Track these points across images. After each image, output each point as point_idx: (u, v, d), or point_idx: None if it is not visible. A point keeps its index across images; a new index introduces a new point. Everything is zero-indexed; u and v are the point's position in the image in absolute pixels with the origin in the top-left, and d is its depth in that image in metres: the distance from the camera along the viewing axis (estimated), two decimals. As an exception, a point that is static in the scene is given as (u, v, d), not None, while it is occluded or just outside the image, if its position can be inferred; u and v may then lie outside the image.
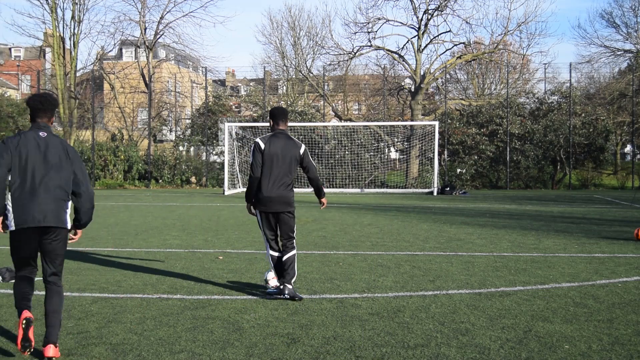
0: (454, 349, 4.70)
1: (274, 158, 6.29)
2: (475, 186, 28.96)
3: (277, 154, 6.30)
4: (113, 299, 6.29)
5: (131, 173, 30.33)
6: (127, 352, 4.64)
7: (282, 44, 43.91)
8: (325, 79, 35.48)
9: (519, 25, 33.05)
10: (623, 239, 10.79)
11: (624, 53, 37.21)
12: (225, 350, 4.69)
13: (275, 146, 6.31)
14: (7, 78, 58.07)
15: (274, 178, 6.28)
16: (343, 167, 28.41)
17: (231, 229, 12.25)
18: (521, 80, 42.66)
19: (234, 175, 27.30)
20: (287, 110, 6.79)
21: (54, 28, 32.59)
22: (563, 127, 28.86)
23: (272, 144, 6.31)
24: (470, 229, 12.18)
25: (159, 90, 41.51)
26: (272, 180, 6.28)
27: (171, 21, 38.63)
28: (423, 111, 32.73)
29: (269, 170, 6.28)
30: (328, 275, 7.48)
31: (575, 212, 16.35)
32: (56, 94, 31.59)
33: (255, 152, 6.32)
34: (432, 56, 55.39)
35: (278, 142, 6.35)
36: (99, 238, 10.95)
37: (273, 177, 6.28)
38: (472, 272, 7.67)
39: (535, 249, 9.56)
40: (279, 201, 6.32)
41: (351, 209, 17.42)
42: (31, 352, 4.44)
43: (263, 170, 6.29)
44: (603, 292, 6.56)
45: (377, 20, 31.75)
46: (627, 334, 5.10)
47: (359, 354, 4.60)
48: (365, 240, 10.57)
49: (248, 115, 35.88)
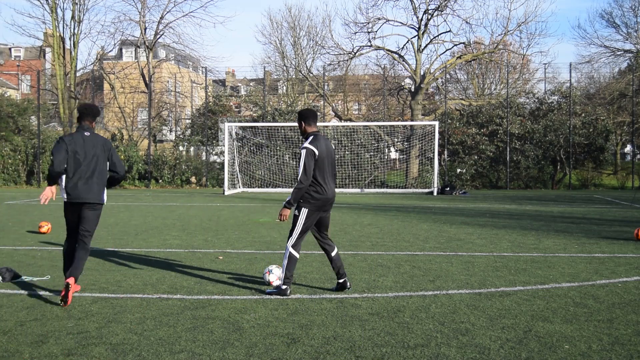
0: (454, 349, 4.70)
1: (325, 160, 6.41)
2: (475, 186, 28.97)
3: (326, 155, 6.43)
4: (113, 299, 6.29)
5: (131, 173, 30.34)
6: (127, 352, 4.64)
7: (282, 44, 43.93)
8: (325, 79, 35.48)
9: (519, 25, 33.09)
10: (623, 239, 10.79)
11: (624, 53, 37.24)
12: (225, 350, 4.69)
13: (322, 148, 6.40)
14: (7, 78, 58.08)
15: (330, 179, 6.48)
16: (343, 167, 28.40)
17: (231, 229, 12.25)
18: (521, 80, 42.68)
19: (234, 175, 27.30)
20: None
21: (54, 28, 32.60)
22: (563, 127, 28.86)
23: (319, 146, 6.38)
24: (470, 229, 12.18)
25: (159, 90, 41.52)
26: (329, 182, 6.46)
27: (171, 21, 38.74)
28: (423, 111, 32.74)
29: (323, 172, 6.39)
30: (328, 275, 7.48)
31: (575, 212, 16.35)
32: (57, 93, 31.61)
33: (308, 157, 6.29)
34: (432, 56, 55.49)
35: (322, 143, 6.43)
36: (99, 238, 10.94)
37: (328, 178, 6.46)
38: (472, 272, 7.67)
39: (535, 249, 9.55)
40: (334, 200, 6.59)
41: (351, 209, 17.42)
42: (64, 305, 5.94)
43: (317, 173, 6.34)
44: (603, 292, 6.55)
45: (377, 20, 31.77)
46: (627, 334, 5.10)
47: (359, 354, 4.60)
48: (365, 240, 10.57)
49: (248, 115, 35.90)
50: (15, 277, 7.23)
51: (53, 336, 5.03)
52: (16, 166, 30.27)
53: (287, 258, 6.36)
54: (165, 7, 35.75)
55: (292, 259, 6.37)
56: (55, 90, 35.23)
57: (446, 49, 49.92)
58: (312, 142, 6.37)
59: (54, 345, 4.81)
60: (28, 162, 30.54)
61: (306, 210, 6.38)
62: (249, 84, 46.96)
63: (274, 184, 28.21)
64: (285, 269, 6.34)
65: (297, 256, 6.39)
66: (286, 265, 6.35)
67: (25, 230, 12.20)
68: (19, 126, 33.27)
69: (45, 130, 33.60)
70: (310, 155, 6.30)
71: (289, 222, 7.09)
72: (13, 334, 5.10)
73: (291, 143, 28.74)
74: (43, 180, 30.25)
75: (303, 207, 6.39)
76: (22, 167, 30.46)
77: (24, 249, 9.71)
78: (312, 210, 6.39)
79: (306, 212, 6.39)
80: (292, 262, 6.37)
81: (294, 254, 6.37)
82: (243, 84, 52.19)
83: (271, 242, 10.44)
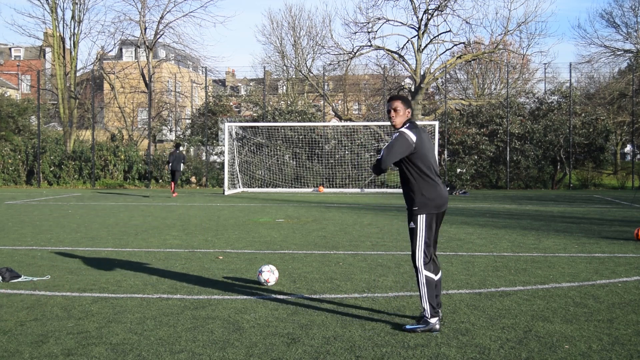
0: (454, 349, 4.70)
1: (429, 152, 5.28)
2: (475, 186, 28.96)
3: (430, 148, 5.33)
4: (113, 299, 6.29)
5: (131, 173, 30.33)
6: (127, 352, 4.64)
7: (282, 43, 43.91)
8: (325, 78, 35.48)
9: (519, 25, 33.11)
10: (623, 239, 10.79)
11: (624, 53, 37.23)
12: (225, 350, 4.69)
13: (422, 138, 5.27)
14: (7, 78, 58.10)
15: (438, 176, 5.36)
16: (343, 167, 28.40)
17: (231, 229, 12.25)
18: (521, 80, 42.67)
19: (234, 175, 27.30)
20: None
21: (54, 28, 32.59)
22: (563, 127, 28.85)
23: (419, 137, 5.25)
24: (470, 229, 12.18)
25: (159, 90, 41.52)
26: (439, 180, 5.34)
27: (171, 21, 38.75)
28: (423, 111, 32.74)
29: (431, 166, 5.27)
30: (328, 275, 7.48)
31: (575, 212, 16.34)
32: (57, 93, 31.60)
33: (398, 142, 5.18)
34: (432, 56, 55.51)
35: (424, 135, 5.33)
36: (99, 238, 10.95)
37: (438, 175, 5.35)
38: (472, 272, 7.67)
39: (535, 249, 9.55)
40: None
41: (351, 209, 17.42)
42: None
43: (426, 167, 5.23)
44: (603, 292, 6.55)
45: (377, 20, 31.77)
46: (627, 334, 5.10)
47: (359, 354, 4.60)
48: (365, 240, 10.57)
49: (248, 115, 35.88)
50: (15, 277, 7.24)
51: (53, 336, 5.03)
52: (16, 166, 30.27)
53: (424, 285, 5.18)
54: (165, 7, 35.75)
55: (430, 284, 5.19)
56: (55, 90, 35.20)
57: (446, 49, 50.05)
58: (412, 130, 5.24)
59: (54, 345, 4.81)
60: (28, 162, 30.54)
61: (425, 215, 5.24)
62: (249, 84, 46.95)
63: (274, 184, 28.20)
64: (428, 297, 5.16)
65: (430, 278, 5.19)
66: (427, 293, 5.17)
67: (25, 230, 12.19)
68: (19, 126, 33.26)
69: (45, 130, 33.60)
70: (405, 143, 5.15)
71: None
72: (13, 334, 5.10)
73: (291, 143, 28.75)
74: (43, 180, 30.26)
75: (423, 211, 5.24)
76: (22, 167, 30.46)
77: (24, 249, 9.71)
78: (432, 212, 5.25)
79: (424, 217, 5.24)
80: (430, 287, 5.18)
81: (430, 275, 5.20)
82: (243, 84, 52.21)
83: (271, 242, 10.44)
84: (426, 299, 5.13)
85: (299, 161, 28.63)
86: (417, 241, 5.21)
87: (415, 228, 5.23)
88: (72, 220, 14.13)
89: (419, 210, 5.22)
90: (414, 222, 5.24)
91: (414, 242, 5.24)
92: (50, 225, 12.99)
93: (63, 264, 8.32)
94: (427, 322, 5.12)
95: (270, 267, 6.93)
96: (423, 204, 5.22)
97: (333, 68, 35.64)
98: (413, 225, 5.25)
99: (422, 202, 5.22)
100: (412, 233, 5.26)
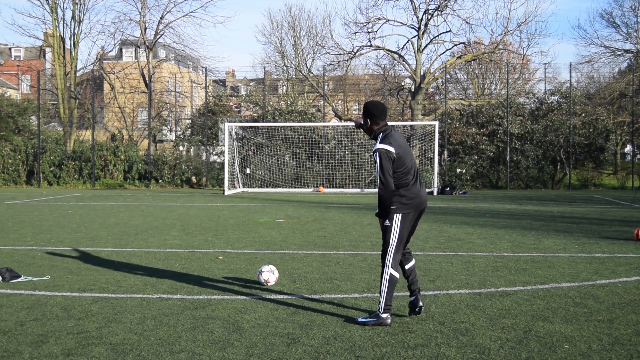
0: (454, 349, 4.70)
1: (407, 155, 5.40)
2: (475, 186, 28.96)
3: (407, 151, 5.43)
4: (113, 299, 6.29)
5: (131, 173, 30.33)
6: (127, 352, 4.64)
7: (282, 44, 43.88)
8: (325, 79, 35.47)
9: (519, 25, 33.05)
10: (623, 239, 10.79)
11: (624, 53, 37.22)
12: (225, 350, 4.69)
13: (399, 142, 5.39)
14: (7, 78, 58.10)
15: (417, 176, 5.48)
16: (343, 167, 28.40)
17: (231, 229, 12.25)
18: (521, 80, 42.66)
19: (233, 176, 27.30)
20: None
21: (54, 28, 32.58)
22: (563, 127, 28.85)
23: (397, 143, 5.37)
24: (470, 229, 12.18)
25: (159, 90, 41.51)
26: (419, 180, 5.49)
27: (171, 21, 38.72)
28: (423, 111, 32.73)
29: (409, 166, 5.39)
30: (328, 275, 7.48)
31: (575, 212, 16.34)
32: (57, 93, 31.60)
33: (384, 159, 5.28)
34: (432, 56, 55.52)
35: (399, 138, 5.45)
36: (99, 238, 10.95)
37: (417, 175, 5.47)
38: (472, 272, 7.67)
39: (535, 249, 9.55)
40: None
41: (351, 209, 17.42)
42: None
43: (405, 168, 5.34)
44: (603, 292, 6.55)
45: (377, 20, 31.74)
46: (627, 334, 5.10)
47: (359, 354, 4.60)
48: (365, 240, 10.56)
49: (248, 115, 35.86)
50: (15, 277, 7.24)
51: (53, 336, 5.03)
52: (16, 166, 30.26)
53: (387, 281, 5.33)
54: (166, 7, 35.71)
55: (392, 281, 5.35)
56: (55, 90, 35.20)
57: (446, 49, 50.01)
58: (385, 141, 5.34)
59: (54, 345, 4.81)
60: (28, 162, 30.53)
61: (402, 214, 5.37)
62: (249, 84, 46.94)
63: (274, 184, 28.20)
64: (387, 293, 5.31)
65: (397, 277, 5.37)
66: (387, 289, 5.32)
67: (25, 230, 12.19)
68: (19, 126, 33.27)
69: (45, 130, 33.60)
70: (387, 158, 5.28)
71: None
72: (13, 334, 5.10)
73: (291, 143, 28.74)
74: (43, 180, 30.25)
75: (401, 210, 5.37)
76: (22, 167, 30.45)
77: (24, 249, 9.71)
78: (409, 212, 5.38)
79: (401, 215, 5.37)
80: (392, 284, 5.34)
81: (394, 274, 5.36)
82: (243, 84, 52.17)
83: (271, 242, 10.43)
84: (384, 294, 5.28)
85: (299, 161, 28.63)
86: (390, 239, 5.35)
87: (390, 226, 5.36)
88: (72, 220, 14.13)
89: (395, 210, 5.35)
90: (390, 220, 5.37)
91: (387, 239, 5.38)
92: (50, 225, 12.99)
93: (63, 264, 8.32)
94: (378, 317, 5.29)
95: (270, 267, 6.93)
96: (400, 203, 5.36)
97: (333, 68, 35.63)
98: (388, 223, 5.37)
99: (399, 201, 5.36)
100: (386, 231, 5.39)
